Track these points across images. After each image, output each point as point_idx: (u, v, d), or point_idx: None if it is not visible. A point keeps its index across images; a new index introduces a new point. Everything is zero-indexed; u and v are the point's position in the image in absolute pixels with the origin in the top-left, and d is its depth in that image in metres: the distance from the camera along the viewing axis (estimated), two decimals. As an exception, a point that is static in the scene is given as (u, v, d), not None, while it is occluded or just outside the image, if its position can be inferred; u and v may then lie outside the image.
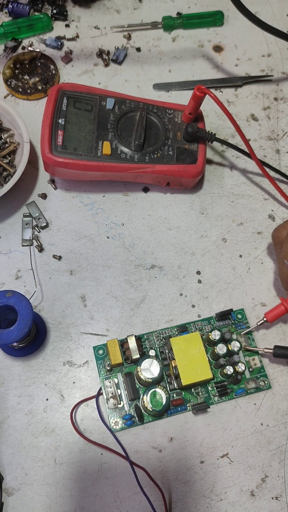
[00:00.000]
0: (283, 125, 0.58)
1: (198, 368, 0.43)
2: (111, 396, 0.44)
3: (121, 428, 0.44)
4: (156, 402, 0.42)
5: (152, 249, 0.51)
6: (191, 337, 0.45)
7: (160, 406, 0.42)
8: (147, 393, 0.43)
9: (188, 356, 0.44)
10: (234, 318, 0.48)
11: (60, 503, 0.42)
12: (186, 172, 0.50)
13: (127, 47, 0.61)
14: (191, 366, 0.43)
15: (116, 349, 0.44)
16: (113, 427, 0.44)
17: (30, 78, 0.58)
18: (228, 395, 0.45)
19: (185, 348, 0.44)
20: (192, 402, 0.45)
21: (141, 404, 0.44)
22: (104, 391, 0.44)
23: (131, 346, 0.44)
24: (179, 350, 0.44)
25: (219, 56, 0.62)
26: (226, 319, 0.48)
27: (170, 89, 0.59)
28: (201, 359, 0.44)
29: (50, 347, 0.47)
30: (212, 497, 0.43)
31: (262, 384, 0.46)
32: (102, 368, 0.45)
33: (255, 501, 0.43)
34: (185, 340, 0.44)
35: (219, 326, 0.48)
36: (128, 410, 0.44)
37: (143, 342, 0.47)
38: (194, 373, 0.43)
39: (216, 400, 0.45)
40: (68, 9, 0.63)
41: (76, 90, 0.51)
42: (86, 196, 0.53)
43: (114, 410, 0.44)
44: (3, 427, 0.44)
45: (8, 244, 0.50)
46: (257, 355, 0.47)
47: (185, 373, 0.43)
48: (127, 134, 0.50)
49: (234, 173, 0.55)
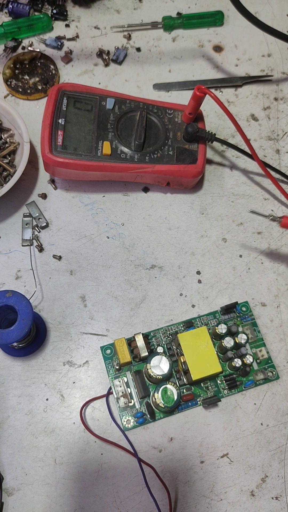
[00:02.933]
0: (283, 125, 0.58)
1: (207, 362, 0.44)
2: (122, 395, 0.44)
3: (133, 426, 0.44)
4: (167, 399, 0.42)
5: (152, 249, 0.51)
6: (199, 332, 0.45)
7: (172, 402, 0.42)
8: (158, 390, 0.43)
9: (196, 351, 0.44)
10: (239, 311, 0.48)
11: (60, 503, 0.42)
12: (186, 172, 0.50)
13: (127, 47, 0.61)
14: (200, 360, 0.44)
15: (124, 348, 0.44)
16: (125, 425, 0.44)
17: (30, 78, 0.58)
18: (238, 388, 0.46)
19: (193, 343, 0.44)
20: (203, 397, 0.45)
21: (152, 401, 0.44)
22: (114, 390, 0.44)
23: (139, 344, 0.44)
24: (187, 346, 0.44)
25: (219, 56, 0.62)
26: (231, 312, 0.48)
27: (170, 89, 0.59)
28: (210, 353, 0.44)
29: (50, 347, 0.47)
30: (212, 497, 0.43)
31: (270, 375, 0.46)
32: (111, 368, 0.45)
33: (255, 501, 0.43)
34: (192, 335, 0.44)
35: (224, 320, 0.48)
36: (139, 408, 0.44)
37: (150, 340, 0.47)
38: (203, 368, 0.43)
39: (226, 393, 0.45)
40: (68, 9, 0.63)
41: (76, 90, 0.51)
42: (86, 196, 0.53)
43: (125, 408, 0.44)
44: (3, 427, 0.44)
45: (8, 244, 0.50)
46: (264, 347, 0.47)
47: (195, 368, 0.43)
48: (127, 134, 0.50)
49: (234, 173, 0.55)
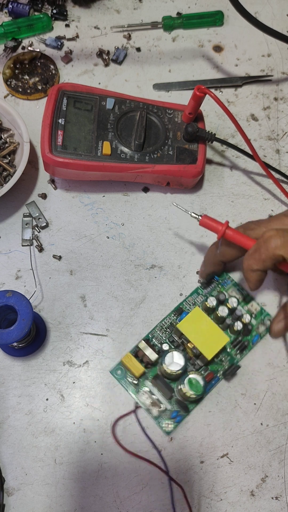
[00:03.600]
0: (283, 125, 0.58)
1: (213, 338, 0.44)
2: (151, 404, 0.44)
3: (174, 427, 0.44)
4: (196, 388, 0.43)
5: (152, 249, 0.51)
6: (194, 314, 0.45)
7: (201, 389, 0.43)
8: (183, 384, 0.43)
9: (199, 332, 0.44)
10: (217, 279, 0.49)
11: (60, 503, 0.42)
12: (186, 172, 0.50)
13: (127, 47, 0.61)
14: (207, 339, 0.44)
15: (134, 361, 0.44)
16: (166, 429, 0.44)
17: (30, 78, 0.58)
18: (247, 347, 0.47)
19: (193, 327, 0.44)
20: (221, 371, 0.46)
21: (179, 396, 0.44)
22: (142, 405, 0.44)
23: (146, 351, 0.44)
24: (189, 331, 0.44)
25: (219, 56, 0.62)
26: (212, 283, 0.49)
27: (170, 89, 0.59)
28: (212, 328, 0.44)
29: (50, 347, 0.47)
30: (212, 497, 0.43)
31: (268, 323, 0.48)
32: (129, 385, 0.45)
33: (255, 501, 0.43)
34: (189, 320, 0.45)
35: (208, 292, 0.49)
36: (171, 408, 0.44)
37: (151, 341, 0.47)
38: (213, 345, 0.44)
39: (239, 357, 0.47)
40: (68, 9, 0.63)
41: (76, 90, 0.51)
42: (86, 196, 0.53)
43: (160, 415, 0.44)
44: (3, 427, 0.44)
45: (8, 244, 0.50)
46: (254, 301, 0.48)
47: (205, 348, 0.44)
48: (127, 134, 0.50)
49: (234, 173, 0.55)
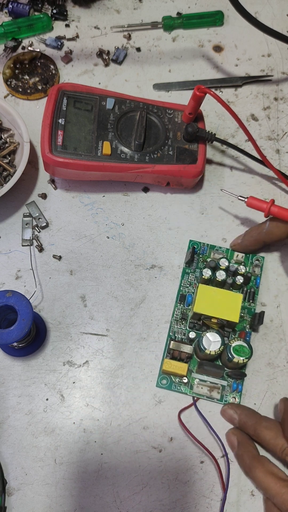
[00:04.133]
0: (283, 125, 0.58)
1: (228, 302, 0.45)
2: (209, 390, 0.45)
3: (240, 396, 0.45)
4: (243, 352, 0.43)
5: (152, 249, 0.51)
6: (201, 292, 0.45)
7: (248, 351, 0.43)
8: (231, 355, 0.43)
9: (215, 304, 0.45)
10: (196, 251, 0.50)
11: (60, 503, 0.42)
12: (186, 172, 0.50)
13: (127, 47, 0.61)
14: (225, 307, 0.45)
15: (174, 363, 0.45)
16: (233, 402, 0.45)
17: (30, 78, 0.58)
18: (255, 293, 0.49)
19: (208, 303, 0.45)
20: (247, 326, 0.48)
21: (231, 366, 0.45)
22: (202, 396, 0.45)
23: (180, 348, 0.45)
24: (207, 308, 0.45)
25: (219, 56, 0.62)
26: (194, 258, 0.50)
27: (170, 89, 0.59)
28: (223, 294, 0.45)
29: (50, 347, 0.47)
30: (212, 497, 0.43)
31: (257, 262, 0.50)
32: (181, 385, 0.46)
33: (255, 501, 0.43)
34: (201, 298, 0.45)
35: (197, 267, 0.50)
36: (229, 382, 0.46)
37: (175, 337, 0.47)
38: (232, 308, 0.45)
39: (253, 305, 0.48)
40: (68, 9, 0.63)
41: (76, 90, 0.51)
42: (86, 196, 0.53)
43: (223, 394, 0.45)
44: (3, 427, 0.44)
45: (8, 244, 0.50)
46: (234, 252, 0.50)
47: (229, 315, 0.44)
48: (127, 134, 0.50)
49: (234, 173, 0.55)
